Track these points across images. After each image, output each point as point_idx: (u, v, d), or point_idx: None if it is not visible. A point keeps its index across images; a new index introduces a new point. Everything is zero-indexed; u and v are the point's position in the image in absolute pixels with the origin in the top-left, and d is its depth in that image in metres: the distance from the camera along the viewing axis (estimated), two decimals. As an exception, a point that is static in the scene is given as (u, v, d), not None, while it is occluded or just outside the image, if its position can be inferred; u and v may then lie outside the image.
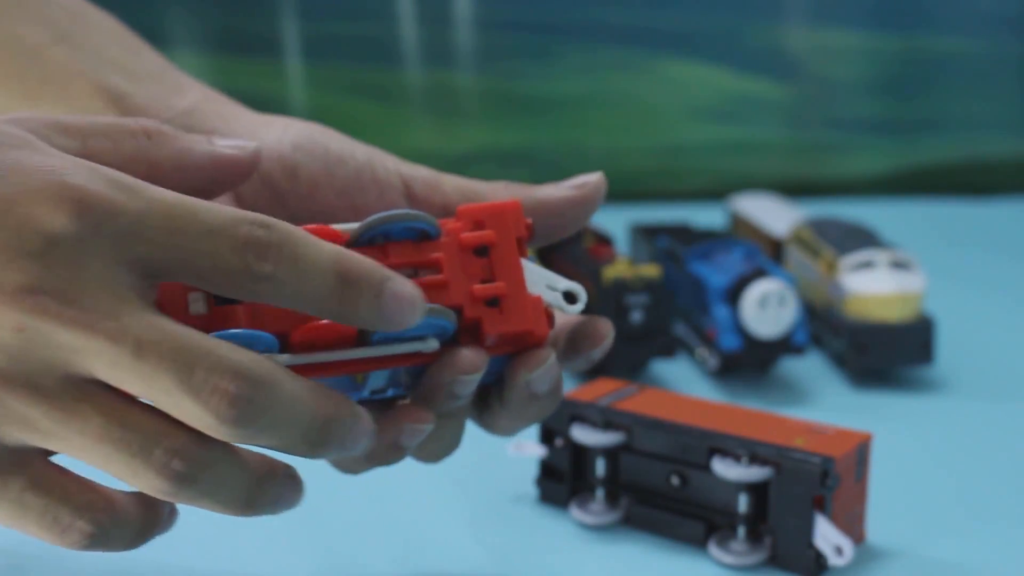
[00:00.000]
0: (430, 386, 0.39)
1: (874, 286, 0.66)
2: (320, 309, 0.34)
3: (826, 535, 0.44)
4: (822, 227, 0.73)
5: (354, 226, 0.38)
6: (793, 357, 0.65)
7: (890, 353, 0.65)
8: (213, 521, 0.49)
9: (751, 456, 0.45)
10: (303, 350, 0.36)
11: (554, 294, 0.40)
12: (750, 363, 0.65)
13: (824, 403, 0.64)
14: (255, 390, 0.33)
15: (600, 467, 0.49)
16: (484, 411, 0.43)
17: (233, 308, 0.36)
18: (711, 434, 0.47)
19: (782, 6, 1.21)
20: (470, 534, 0.49)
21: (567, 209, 0.43)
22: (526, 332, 0.39)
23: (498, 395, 0.42)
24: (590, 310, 0.65)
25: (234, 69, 1.13)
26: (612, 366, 0.65)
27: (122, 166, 0.38)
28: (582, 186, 0.43)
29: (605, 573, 0.46)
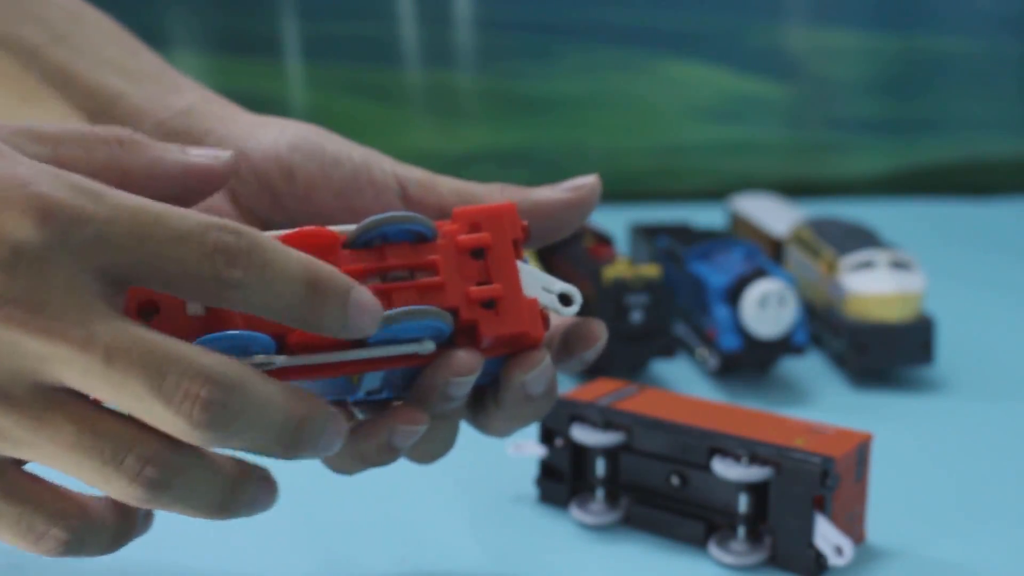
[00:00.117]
0: (425, 387, 0.39)
1: (874, 286, 0.66)
2: (287, 316, 0.34)
3: (826, 535, 0.44)
4: (822, 227, 0.73)
5: (351, 228, 0.38)
6: (793, 357, 0.65)
7: (890, 353, 0.65)
8: (213, 521, 0.49)
9: (751, 456, 0.45)
10: (300, 351, 0.36)
11: (549, 296, 0.40)
12: (750, 363, 0.65)
13: (824, 403, 0.64)
14: (227, 394, 0.32)
15: (600, 467, 0.49)
16: (479, 412, 0.43)
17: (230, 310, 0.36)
18: (711, 434, 0.47)
19: (782, 6, 1.21)
20: (470, 534, 0.49)
21: (562, 211, 0.43)
22: (522, 334, 0.39)
23: (493, 396, 0.42)
24: (591, 310, 0.65)
25: (234, 69, 1.13)
26: (612, 366, 0.65)
27: (94, 174, 0.37)
28: (578, 188, 0.43)
29: (605, 573, 0.46)
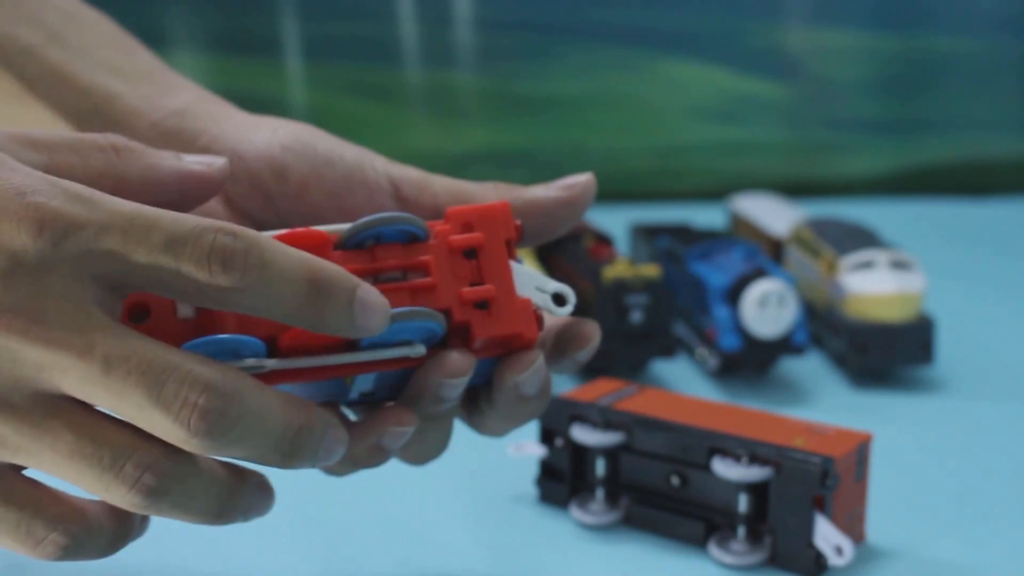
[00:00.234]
0: (417, 389, 0.39)
1: (874, 286, 0.66)
2: (290, 317, 0.34)
3: (826, 535, 0.44)
4: (822, 227, 0.73)
5: (343, 228, 0.38)
6: (793, 357, 0.65)
7: (890, 353, 0.65)
8: (213, 521, 0.49)
9: (751, 456, 0.45)
10: (291, 354, 0.36)
11: (543, 296, 0.40)
12: (750, 363, 0.65)
13: (824, 403, 0.64)
14: (225, 402, 0.32)
15: (600, 467, 0.49)
16: (473, 412, 0.42)
17: (221, 313, 0.35)
18: (711, 434, 0.47)
19: (782, 6, 1.21)
20: (470, 534, 0.49)
21: (556, 210, 0.43)
22: (515, 335, 0.39)
23: (487, 397, 0.41)
24: (590, 310, 0.65)
25: (234, 69, 1.13)
26: (612, 366, 0.65)
27: (90, 181, 0.37)
28: (571, 187, 0.43)
29: (605, 573, 0.46)
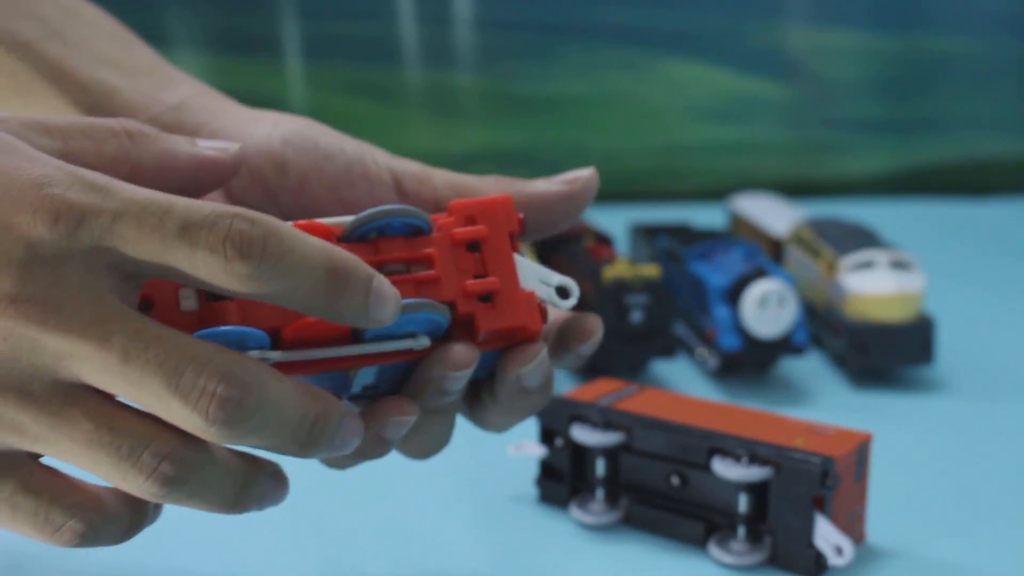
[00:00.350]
0: (421, 381, 0.39)
1: (874, 286, 0.66)
2: (306, 305, 0.34)
3: (826, 535, 0.44)
4: (822, 227, 0.73)
5: (345, 221, 0.38)
6: (793, 357, 0.65)
7: (890, 353, 0.65)
8: (214, 522, 0.49)
9: (751, 456, 0.45)
10: (295, 346, 0.36)
11: (547, 289, 0.40)
12: (750, 363, 0.65)
13: (824, 403, 0.64)
14: (244, 392, 0.33)
15: (600, 467, 0.49)
16: (475, 406, 0.42)
17: (224, 305, 0.36)
18: (711, 434, 0.47)
19: (782, 6, 1.21)
20: (470, 534, 0.49)
21: (558, 204, 0.42)
22: (519, 327, 0.39)
23: (489, 390, 0.41)
24: (590, 310, 0.65)
25: (234, 69, 1.13)
26: (612, 366, 0.65)
27: (104, 167, 0.37)
28: (573, 181, 0.43)
29: (605, 573, 0.46)
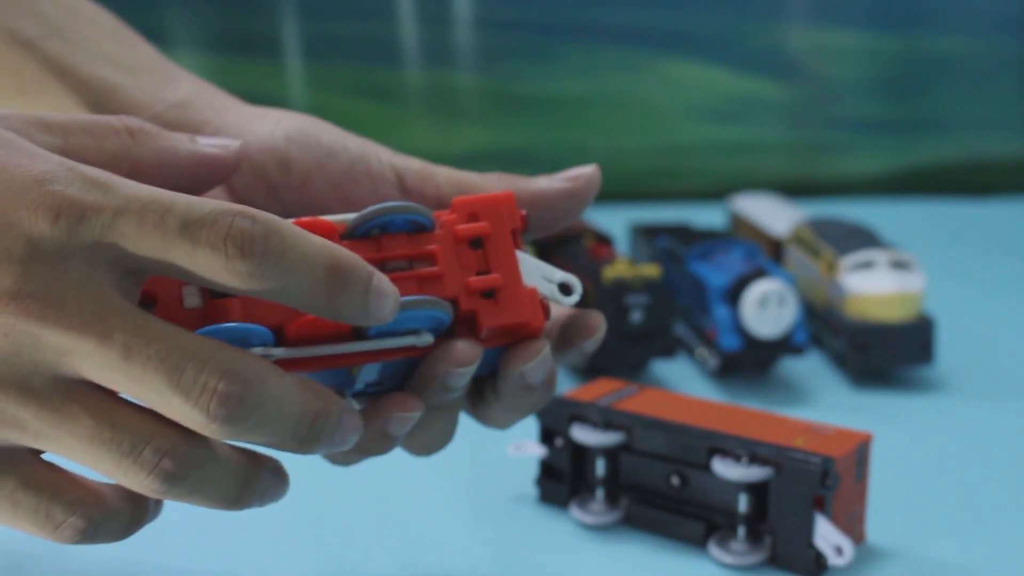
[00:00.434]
0: (424, 378, 0.39)
1: (874, 286, 0.66)
2: (306, 303, 0.34)
3: (826, 535, 0.44)
4: (822, 227, 0.73)
5: (348, 218, 0.38)
6: (793, 357, 0.65)
7: (890, 353, 0.65)
8: (214, 522, 0.49)
9: (751, 456, 0.45)
10: (298, 343, 0.36)
11: (550, 286, 0.40)
12: (750, 363, 0.65)
13: (824, 403, 0.64)
14: (245, 388, 0.33)
15: (600, 467, 0.49)
16: (478, 402, 0.42)
17: (228, 301, 0.36)
18: (711, 434, 0.47)
19: (782, 6, 1.21)
20: (470, 534, 0.49)
21: (560, 201, 0.42)
22: (522, 324, 0.39)
23: (492, 386, 0.41)
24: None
25: (234, 69, 1.13)
26: (612, 366, 0.65)
27: (104, 164, 0.37)
28: (575, 178, 0.43)
29: (605, 573, 0.46)
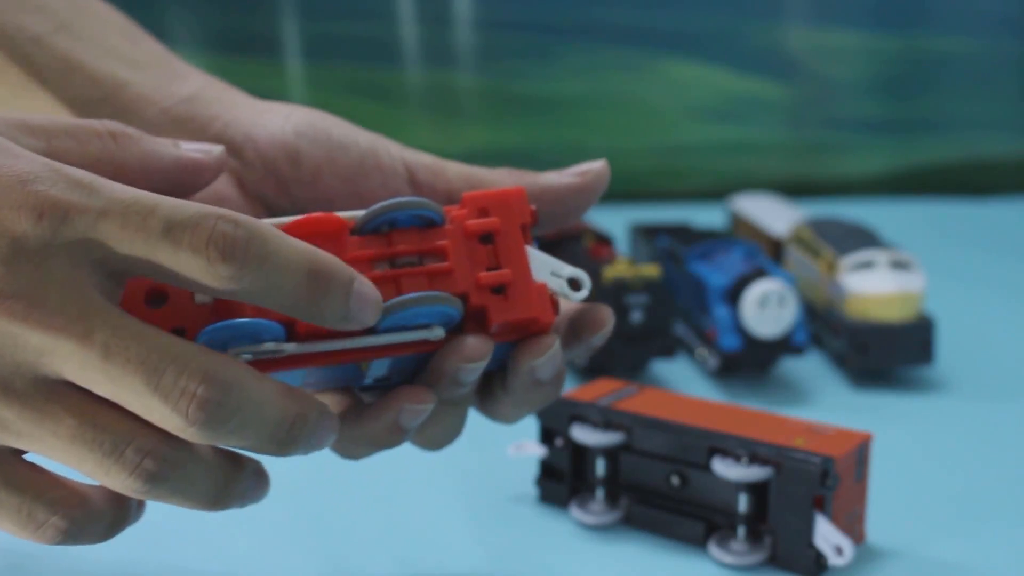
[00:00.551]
0: (435, 373, 0.39)
1: (874, 286, 0.66)
2: (287, 306, 0.34)
3: (826, 535, 0.44)
4: (822, 227, 0.73)
5: (358, 214, 0.38)
6: (793, 357, 0.65)
7: (890, 353, 0.65)
8: (214, 521, 0.49)
9: (751, 456, 0.45)
10: (309, 339, 0.36)
11: (559, 281, 0.40)
12: (750, 363, 0.65)
13: (824, 403, 0.64)
14: (223, 393, 0.33)
15: (600, 467, 0.49)
16: (487, 397, 0.43)
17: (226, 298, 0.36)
18: (711, 434, 0.47)
19: (782, 6, 1.21)
20: (470, 534, 0.49)
21: (570, 196, 0.43)
22: (532, 319, 0.39)
23: (501, 381, 0.41)
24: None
25: (234, 69, 1.13)
26: (612, 366, 0.65)
27: (88, 167, 0.37)
28: (585, 173, 0.43)
29: (605, 573, 0.46)
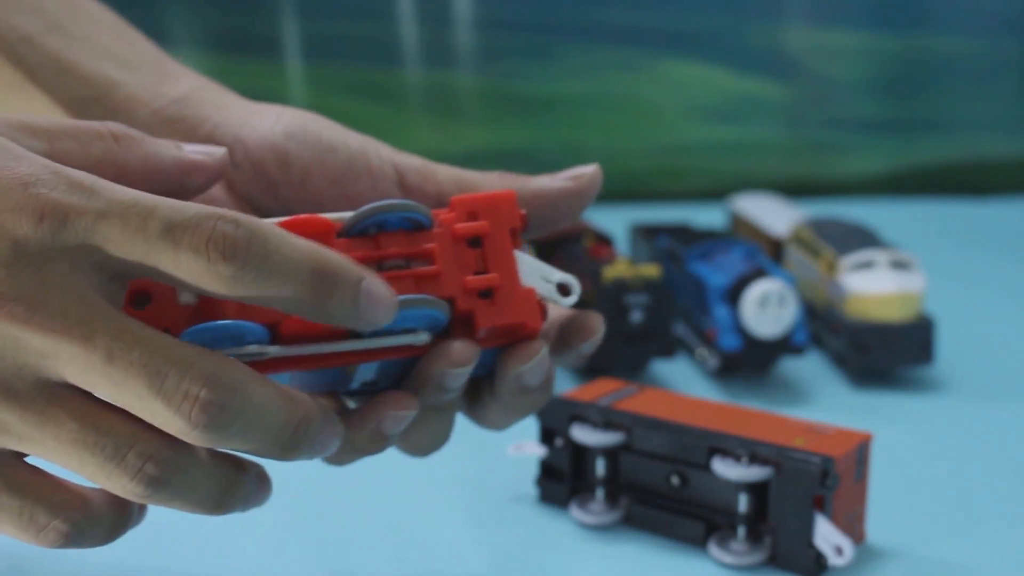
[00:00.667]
0: (421, 378, 0.39)
1: (874, 286, 0.66)
2: (293, 307, 0.34)
3: (826, 535, 0.44)
4: (822, 227, 0.73)
5: (346, 215, 0.38)
6: (793, 357, 0.65)
7: (890, 353, 0.65)
8: (214, 523, 0.49)
9: (751, 456, 0.45)
10: (293, 342, 0.36)
11: (548, 286, 0.40)
12: (750, 363, 0.65)
13: (824, 403, 0.64)
14: (226, 396, 0.32)
15: (600, 467, 0.49)
16: (475, 403, 0.42)
17: (223, 299, 0.36)
18: (711, 434, 0.47)
19: (782, 6, 1.21)
20: (470, 534, 0.49)
21: (562, 200, 0.42)
22: (519, 324, 0.39)
23: (489, 387, 0.41)
24: (590, 310, 0.65)
25: (234, 69, 1.13)
26: (612, 366, 0.65)
27: (90, 169, 0.37)
28: (577, 177, 0.42)
29: (605, 573, 0.46)
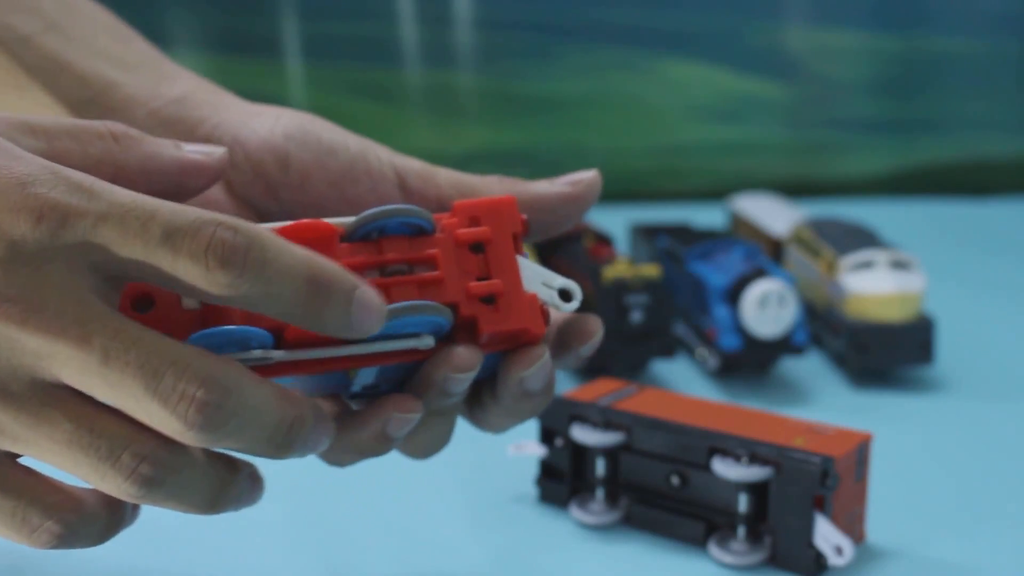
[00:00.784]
0: (424, 383, 0.39)
1: (874, 286, 0.66)
2: (287, 314, 0.34)
3: (826, 535, 0.44)
4: (822, 227, 0.73)
5: (348, 220, 0.38)
6: (793, 357, 0.65)
7: (890, 353, 0.65)
8: (214, 523, 0.49)
9: (751, 456, 0.45)
10: (297, 346, 0.36)
11: (550, 291, 0.40)
12: (750, 363, 0.65)
13: (824, 403, 0.64)
14: (222, 396, 0.33)
15: (600, 467, 0.49)
16: (476, 407, 0.42)
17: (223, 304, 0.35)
18: (711, 434, 0.47)
19: (782, 6, 1.21)
20: (470, 534, 0.49)
21: (561, 205, 0.42)
22: (522, 330, 0.39)
23: (491, 391, 0.41)
24: (590, 310, 0.65)
25: (234, 69, 1.13)
26: (612, 366, 0.65)
27: (89, 169, 0.37)
28: (577, 183, 0.42)
29: (605, 573, 0.46)
